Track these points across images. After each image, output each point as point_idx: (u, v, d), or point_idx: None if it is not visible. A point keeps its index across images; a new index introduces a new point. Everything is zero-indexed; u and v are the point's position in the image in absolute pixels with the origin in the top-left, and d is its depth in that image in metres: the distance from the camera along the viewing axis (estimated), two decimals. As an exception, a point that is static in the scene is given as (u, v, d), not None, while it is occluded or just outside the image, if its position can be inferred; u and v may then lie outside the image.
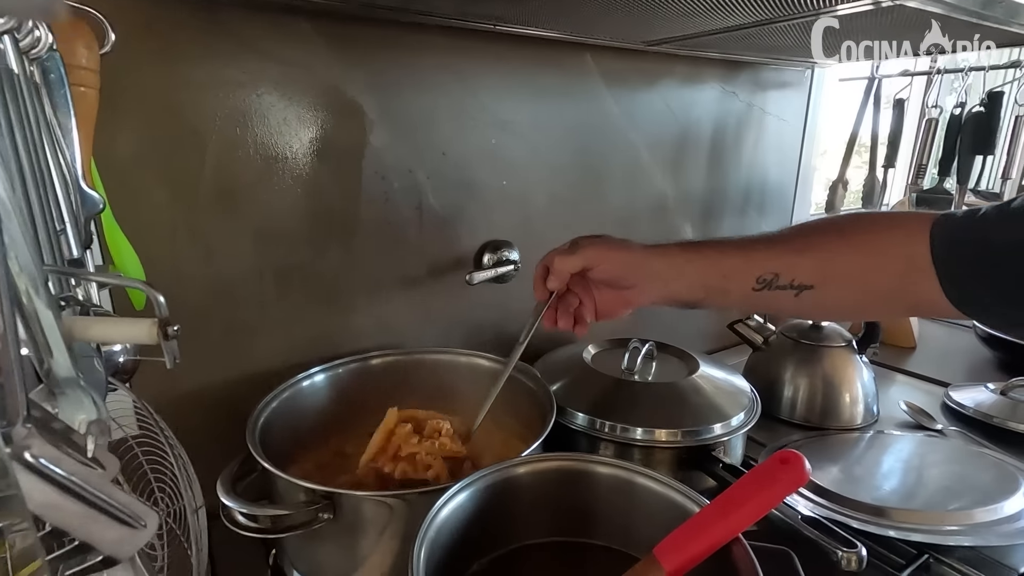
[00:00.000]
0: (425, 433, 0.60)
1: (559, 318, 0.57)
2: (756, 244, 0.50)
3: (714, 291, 0.51)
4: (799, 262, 0.48)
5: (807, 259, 0.48)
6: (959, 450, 0.77)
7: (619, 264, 0.52)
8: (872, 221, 0.49)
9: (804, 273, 0.48)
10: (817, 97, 1.12)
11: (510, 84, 0.77)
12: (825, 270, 0.47)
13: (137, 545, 0.21)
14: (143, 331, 0.24)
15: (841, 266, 0.47)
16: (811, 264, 0.48)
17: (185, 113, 0.58)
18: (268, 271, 0.66)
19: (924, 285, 0.44)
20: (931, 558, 0.58)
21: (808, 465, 0.39)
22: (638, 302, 0.55)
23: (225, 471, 0.49)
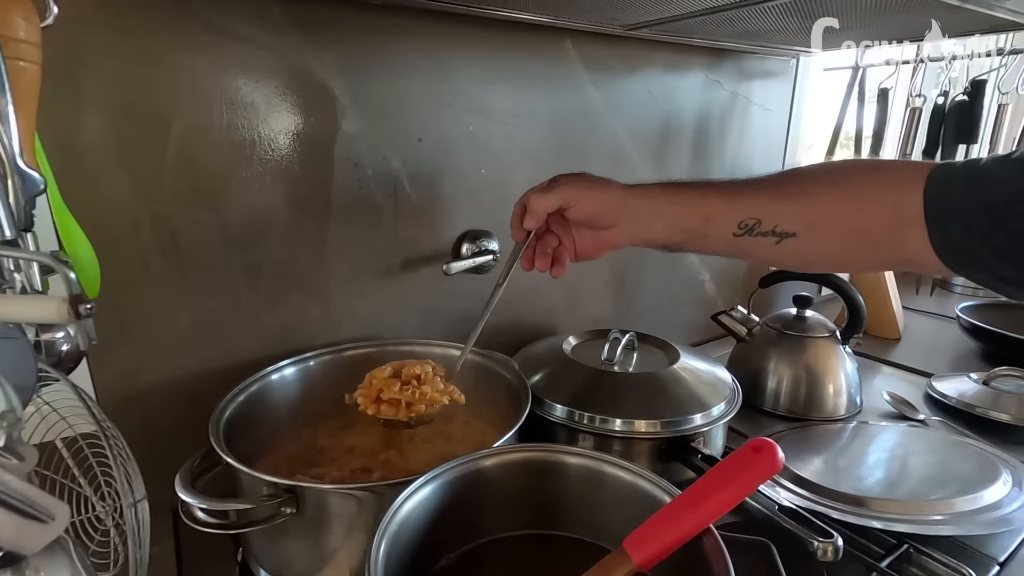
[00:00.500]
0: (403, 379, 0.58)
1: (537, 259, 0.56)
2: (740, 188, 0.49)
3: (694, 235, 0.50)
4: (783, 208, 0.46)
5: (792, 205, 0.46)
6: (941, 440, 0.77)
7: (597, 203, 0.51)
8: (865, 168, 0.48)
9: (787, 220, 0.46)
10: (802, 86, 1.11)
11: (488, 70, 0.75)
12: (809, 217, 0.46)
13: (45, 540, 0.19)
14: (51, 309, 0.22)
15: (826, 214, 0.45)
16: (796, 211, 0.46)
17: (147, 96, 0.56)
18: (237, 261, 0.64)
19: (912, 238, 0.42)
20: (911, 548, 0.58)
21: (781, 453, 0.38)
22: (617, 242, 0.54)
23: (184, 466, 0.47)
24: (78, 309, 0.22)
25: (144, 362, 0.61)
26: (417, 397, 0.56)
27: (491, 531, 0.46)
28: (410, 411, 0.56)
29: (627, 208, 0.51)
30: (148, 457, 0.62)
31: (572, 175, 0.53)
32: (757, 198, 0.48)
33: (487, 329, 0.84)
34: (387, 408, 0.56)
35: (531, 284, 0.88)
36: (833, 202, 0.45)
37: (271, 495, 0.45)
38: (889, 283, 1.15)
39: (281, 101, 0.62)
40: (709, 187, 0.50)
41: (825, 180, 0.47)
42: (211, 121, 0.59)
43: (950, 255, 0.42)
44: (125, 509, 0.30)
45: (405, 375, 0.59)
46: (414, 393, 0.56)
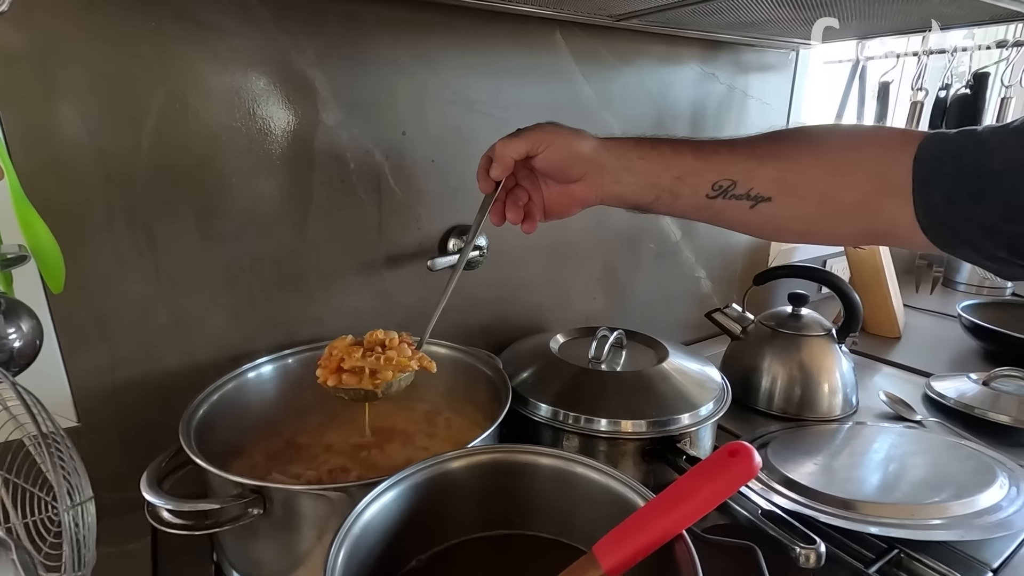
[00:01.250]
0: (365, 346, 0.55)
1: (508, 211, 0.53)
2: (718, 147, 0.47)
3: (665, 193, 0.48)
4: (760, 171, 0.45)
5: (769, 167, 0.44)
6: (937, 442, 0.75)
7: (565, 151, 0.48)
8: (849, 133, 0.46)
9: (763, 183, 0.45)
10: (801, 80, 1.09)
11: (474, 61, 0.74)
12: (786, 181, 0.44)
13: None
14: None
15: (804, 178, 0.44)
16: (773, 173, 0.44)
17: (120, 87, 0.55)
18: (215, 256, 0.63)
19: (891, 208, 0.41)
20: (902, 553, 0.56)
21: (758, 458, 0.36)
22: (585, 198, 0.51)
23: (151, 465, 0.46)
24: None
25: (120, 358, 0.60)
26: (383, 363, 0.52)
27: (461, 533, 0.45)
28: (375, 379, 0.52)
29: (597, 160, 0.49)
30: (124, 453, 0.62)
31: (540, 123, 0.51)
32: (733, 158, 0.46)
33: (474, 326, 0.84)
34: (349, 378, 0.52)
35: (520, 280, 0.87)
36: (812, 165, 0.44)
37: (238, 495, 0.44)
38: (889, 280, 1.13)
39: (259, 93, 0.61)
40: (684, 144, 0.48)
41: (805, 142, 0.45)
42: (186, 113, 0.58)
43: (935, 228, 0.40)
44: (62, 513, 0.29)
45: (368, 342, 0.55)
46: (379, 359, 0.53)
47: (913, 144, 0.40)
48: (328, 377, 0.53)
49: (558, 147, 0.49)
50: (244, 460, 0.60)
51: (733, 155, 0.46)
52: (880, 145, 0.42)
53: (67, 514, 0.29)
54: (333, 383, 0.53)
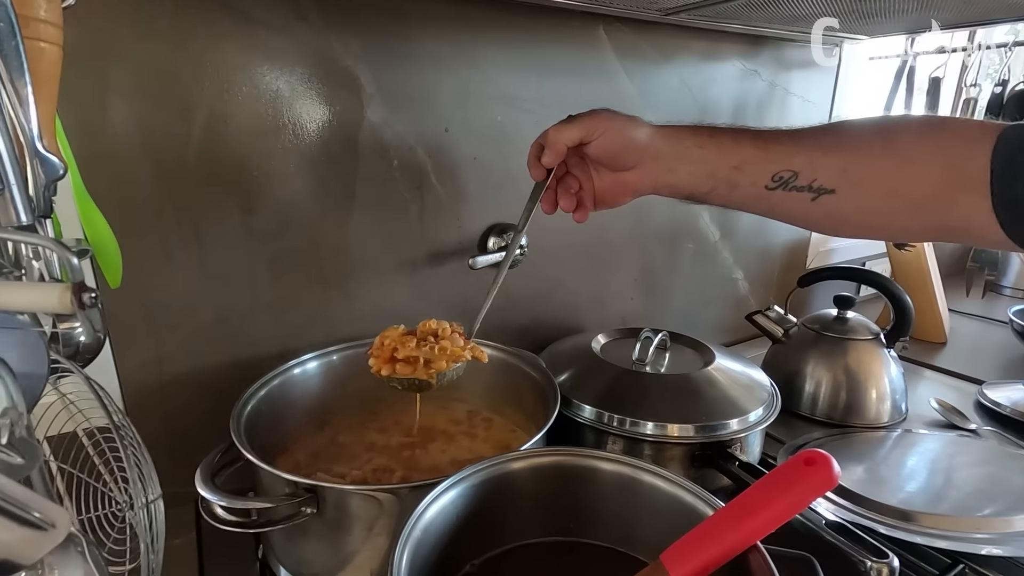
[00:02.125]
0: (418, 335, 0.54)
1: (560, 199, 0.52)
2: (779, 137, 0.45)
3: (722, 183, 0.46)
4: (824, 161, 0.43)
5: (834, 158, 0.43)
6: (994, 451, 0.72)
7: (620, 137, 0.47)
8: (922, 123, 0.43)
9: (827, 174, 0.43)
10: (845, 76, 1.06)
11: (516, 57, 0.73)
12: (852, 173, 0.42)
13: (43, 549, 0.18)
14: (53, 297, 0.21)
15: (872, 170, 0.42)
16: (838, 164, 0.42)
17: (170, 82, 0.55)
18: (260, 253, 0.63)
19: (965, 202, 0.39)
20: (967, 568, 0.54)
21: (837, 467, 0.35)
22: (638, 187, 0.50)
23: (204, 461, 0.46)
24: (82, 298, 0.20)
25: (167, 354, 0.60)
26: (436, 353, 0.52)
27: (517, 537, 0.44)
28: (429, 369, 0.51)
29: (652, 147, 0.47)
30: (170, 448, 0.62)
31: (595, 109, 0.49)
32: (796, 148, 0.44)
33: (511, 325, 0.83)
34: (403, 367, 0.51)
35: (558, 280, 0.86)
36: (881, 156, 0.42)
37: (291, 494, 0.43)
38: (935, 283, 1.09)
39: (306, 89, 0.61)
40: (744, 133, 0.46)
41: (874, 133, 0.43)
42: (235, 109, 0.58)
43: (1016, 223, 0.38)
44: (137, 509, 0.29)
45: (421, 332, 0.54)
46: (432, 349, 0.52)
47: (991, 135, 0.38)
48: (382, 367, 0.52)
49: (612, 134, 0.47)
50: (288, 458, 0.59)
51: (796, 145, 0.44)
52: (956, 136, 0.40)
53: (143, 511, 0.28)
54: (387, 372, 0.52)
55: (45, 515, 0.18)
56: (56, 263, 0.35)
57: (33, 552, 0.17)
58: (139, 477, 0.29)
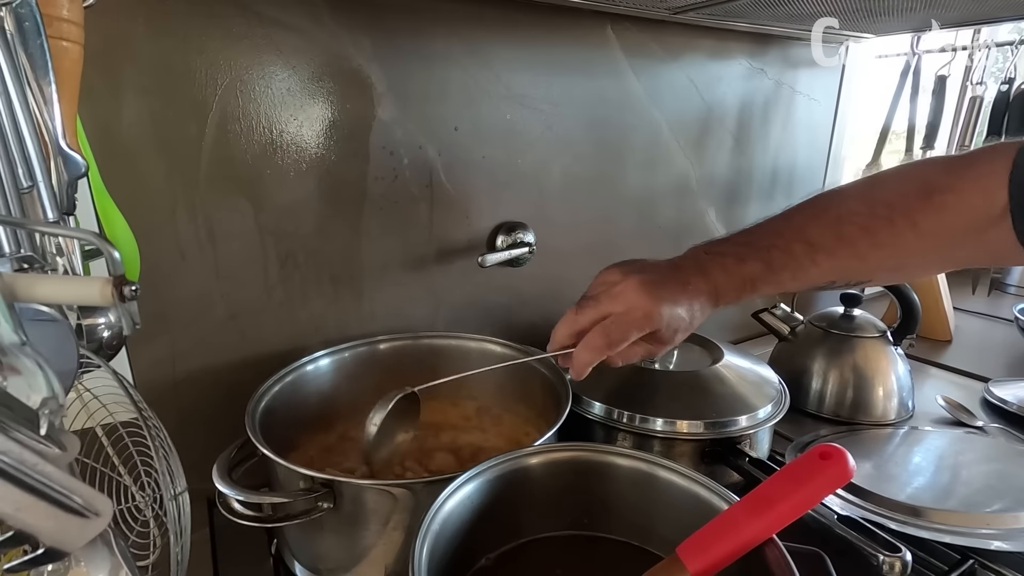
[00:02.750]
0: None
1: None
2: (816, 257, 0.44)
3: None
4: (862, 267, 0.44)
5: (871, 262, 0.44)
6: (1002, 448, 0.72)
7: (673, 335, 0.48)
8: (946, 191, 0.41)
9: (864, 274, 0.45)
10: (851, 75, 1.06)
11: (525, 56, 0.73)
12: (888, 264, 0.44)
13: (86, 536, 0.18)
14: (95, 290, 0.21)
15: (908, 256, 0.43)
16: (874, 265, 0.44)
17: (184, 81, 0.55)
18: (272, 251, 0.63)
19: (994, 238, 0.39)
20: (976, 563, 0.54)
21: (852, 461, 0.35)
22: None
23: (222, 456, 0.47)
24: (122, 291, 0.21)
25: (180, 351, 0.61)
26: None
27: (533, 531, 0.44)
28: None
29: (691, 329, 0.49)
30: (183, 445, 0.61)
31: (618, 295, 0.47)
32: (834, 264, 0.44)
33: (520, 323, 0.83)
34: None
35: (566, 278, 0.86)
36: (913, 242, 0.42)
37: (308, 489, 0.44)
38: (941, 281, 1.09)
39: (317, 88, 0.61)
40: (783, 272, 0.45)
41: (904, 222, 0.42)
42: (248, 108, 0.58)
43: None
44: (166, 501, 0.29)
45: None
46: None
47: (1005, 165, 0.38)
48: None
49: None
50: (300, 454, 0.60)
51: (833, 261, 0.44)
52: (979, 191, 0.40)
53: (172, 503, 0.29)
54: None
55: (88, 502, 0.18)
56: (78, 259, 0.36)
57: (78, 539, 0.18)
58: (168, 470, 0.30)
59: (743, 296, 0.48)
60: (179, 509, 0.30)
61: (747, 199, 1.03)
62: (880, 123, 1.07)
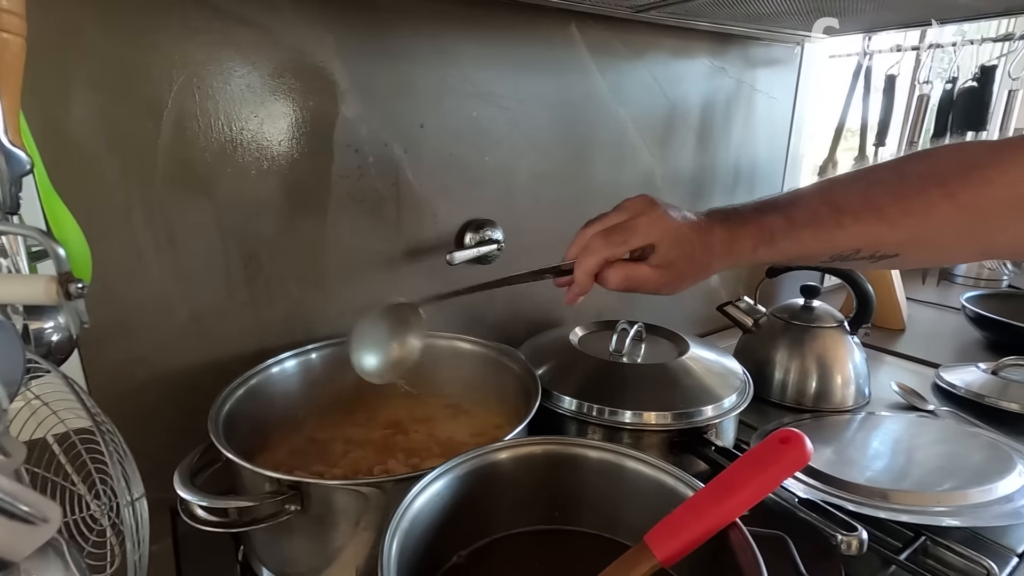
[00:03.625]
0: None
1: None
2: (842, 219, 0.42)
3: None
4: (891, 235, 0.41)
5: (901, 230, 0.41)
6: (952, 430, 0.76)
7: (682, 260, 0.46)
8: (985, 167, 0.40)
9: (893, 245, 0.42)
10: (807, 74, 1.10)
11: (491, 53, 0.73)
12: (920, 237, 0.41)
13: (34, 543, 0.17)
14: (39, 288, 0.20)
15: (942, 230, 0.41)
16: (904, 235, 0.41)
17: (137, 77, 0.53)
18: (234, 251, 0.62)
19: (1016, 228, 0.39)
20: (928, 540, 0.57)
21: (810, 444, 0.36)
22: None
23: (183, 462, 0.45)
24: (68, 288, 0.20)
25: (139, 356, 0.59)
26: None
27: (504, 527, 0.44)
28: None
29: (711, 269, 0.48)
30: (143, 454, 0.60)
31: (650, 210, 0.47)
32: (860, 229, 0.42)
33: (490, 320, 0.83)
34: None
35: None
36: (952, 217, 0.40)
37: (274, 492, 0.43)
38: (894, 274, 1.14)
39: (278, 84, 0.60)
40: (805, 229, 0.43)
41: (938, 192, 0.40)
42: (206, 105, 0.57)
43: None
44: (122, 507, 0.28)
45: None
46: None
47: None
48: None
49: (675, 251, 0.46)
50: (266, 457, 0.59)
51: (860, 226, 0.42)
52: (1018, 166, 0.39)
53: (128, 509, 0.28)
54: None
55: (35, 509, 0.17)
56: (23, 260, 0.34)
57: (25, 546, 0.17)
58: (123, 475, 0.29)
59: (760, 248, 0.44)
60: (137, 515, 0.29)
61: (711, 196, 1.05)
62: (835, 121, 1.11)
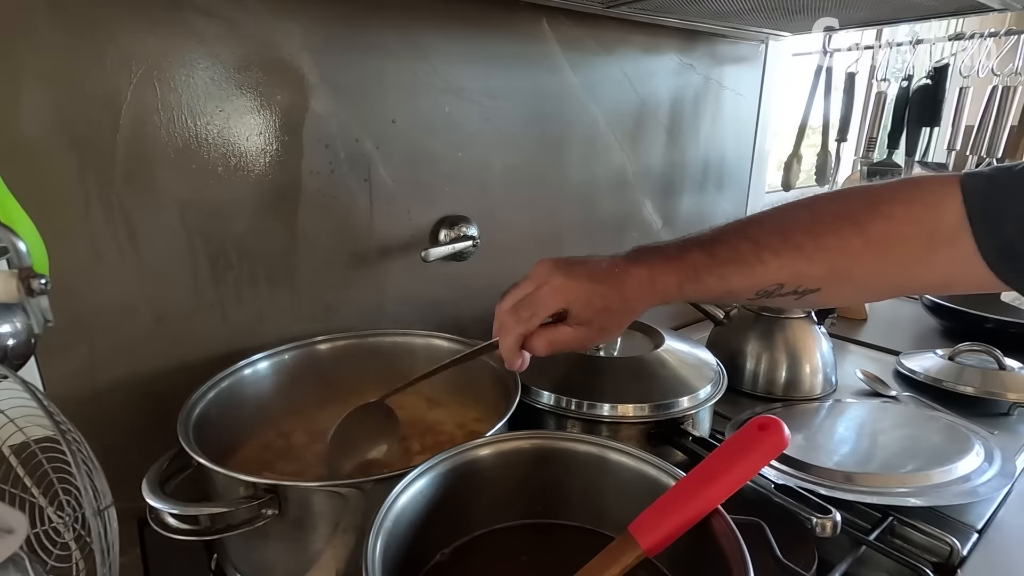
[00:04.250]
0: None
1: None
2: (762, 254, 0.44)
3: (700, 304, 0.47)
4: (809, 270, 0.43)
5: (818, 265, 0.43)
6: (913, 414, 0.79)
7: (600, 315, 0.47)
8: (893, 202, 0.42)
9: (813, 280, 0.43)
10: (772, 72, 1.12)
11: (462, 48, 0.72)
12: (837, 272, 0.43)
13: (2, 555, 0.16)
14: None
15: (854, 266, 0.42)
16: (822, 270, 0.43)
17: (93, 70, 0.51)
18: (201, 251, 0.60)
19: (945, 259, 0.40)
20: (895, 520, 0.59)
21: (787, 431, 0.37)
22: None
23: (152, 468, 0.44)
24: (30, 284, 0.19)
25: (101, 360, 0.56)
26: None
27: (488, 523, 0.44)
28: None
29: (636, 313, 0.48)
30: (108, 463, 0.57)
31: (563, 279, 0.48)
32: (781, 263, 0.43)
33: (466, 317, 0.83)
34: None
35: (512, 271, 0.86)
36: (862, 251, 0.42)
37: (250, 496, 0.42)
38: (855, 265, 1.18)
39: (244, 78, 0.58)
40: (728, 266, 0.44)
41: (851, 229, 0.42)
42: (168, 99, 0.55)
43: (1006, 263, 0.38)
44: (89, 517, 0.27)
45: None
46: None
47: (953, 186, 0.39)
48: None
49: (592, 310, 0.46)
50: (239, 460, 0.57)
51: (779, 260, 0.43)
52: (922, 204, 0.40)
53: (96, 518, 0.26)
54: None
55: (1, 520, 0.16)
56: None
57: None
58: (90, 484, 0.27)
59: (686, 285, 0.45)
60: (105, 524, 0.28)
61: (681, 191, 1.07)
62: (798, 118, 1.14)
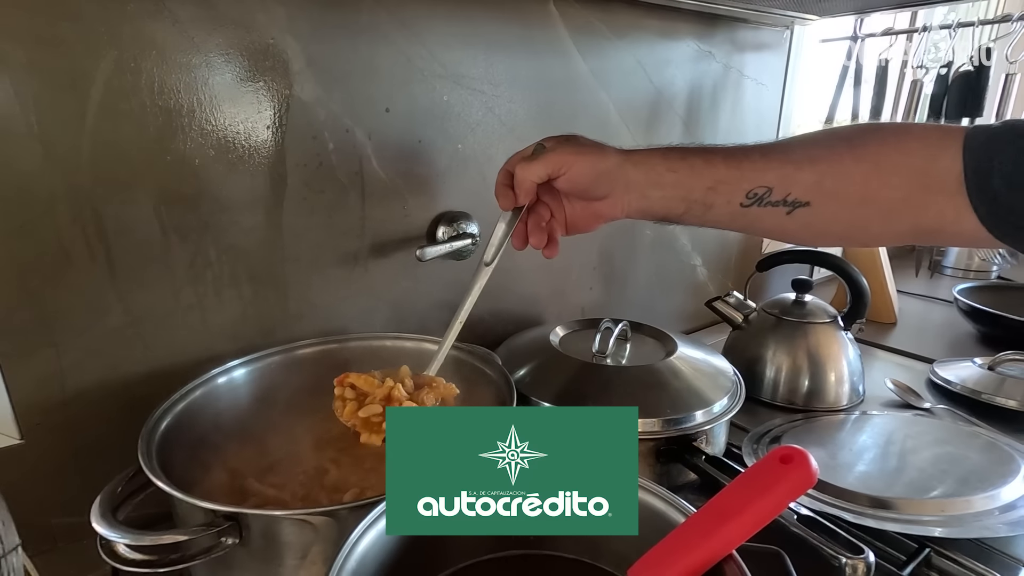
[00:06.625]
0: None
1: (530, 235, 0.51)
2: (750, 154, 0.45)
3: (696, 204, 0.46)
4: (797, 176, 0.43)
5: (807, 172, 0.43)
6: (949, 430, 0.72)
7: (590, 171, 0.46)
8: (886, 132, 0.44)
9: (801, 188, 0.43)
10: (796, 59, 1.05)
11: (462, 32, 0.67)
12: (825, 185, 0.43)
13: None
14: None
15: (844, 180, 0.42)
16: (811, 178, 0.43)
17: (60, 53, 0.47)
18: (177, 248, 0.56)
19: (937, 203, 0.40)
20: (932, 552, 0.53)
21: (815, 464, 0.32)
22: (611, 215, 0.49)
23: (105, 491, 0.40)
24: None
25: (69, 365, 0.53)
26: None
27: (475, 553, 0.39)
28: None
29: (623, 177, 0.46)
30: (77, 472, 0.55)
31: (560, 138, 0.48)
32: (768, 164, 0.44)
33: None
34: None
35: (513, 270, 0.81)
36: (851, 166, 0.42)
37: (209, 523, 0.38)
38: (884, 265, 1.11)
39: (224, 63, 0.54)
40: (715, 153, 0.46)
41: (842, 144, 0.43)
42: (139, 83, 0.51)
43: (998, 218, 0.38)
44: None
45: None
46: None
47: (956, 137, 0.39)
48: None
49: (580, 167, 0.46)
50: (214, 476, 0.53)
51: (767, 161, 0.44)
52: (919, 141, 0.41)
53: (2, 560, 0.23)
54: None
55: None
56: None
57: None
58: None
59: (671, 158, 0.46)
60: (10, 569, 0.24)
61: (698, 185, 1.01)
62: (825, 109, 1.07)
